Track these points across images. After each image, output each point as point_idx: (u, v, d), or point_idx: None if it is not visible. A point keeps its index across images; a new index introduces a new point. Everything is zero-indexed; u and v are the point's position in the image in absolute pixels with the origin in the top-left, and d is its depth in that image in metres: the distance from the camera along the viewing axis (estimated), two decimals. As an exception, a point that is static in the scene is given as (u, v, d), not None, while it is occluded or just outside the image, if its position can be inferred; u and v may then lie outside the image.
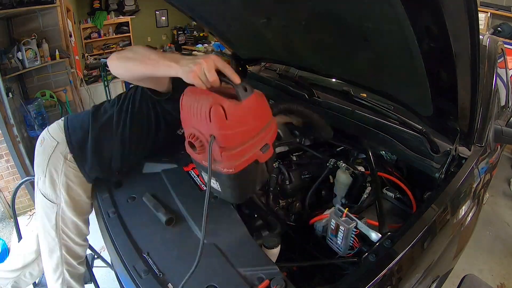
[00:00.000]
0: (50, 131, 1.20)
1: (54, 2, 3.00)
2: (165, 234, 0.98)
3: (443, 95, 0.99)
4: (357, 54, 1.26)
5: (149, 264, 0.89)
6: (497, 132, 1.44)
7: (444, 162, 1.11)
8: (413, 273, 0.89)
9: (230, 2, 1.45)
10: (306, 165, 1.44)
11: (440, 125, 1.15)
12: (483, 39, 1.60)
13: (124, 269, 0.90)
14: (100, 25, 5.70)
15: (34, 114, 2.80)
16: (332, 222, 0.90)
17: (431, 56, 0.88)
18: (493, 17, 3.86)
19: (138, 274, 0.86)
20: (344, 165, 1.22)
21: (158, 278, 0.84)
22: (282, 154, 1.53)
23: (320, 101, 1.65)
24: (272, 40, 1.70)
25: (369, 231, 0.87)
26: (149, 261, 0.90)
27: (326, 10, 1.11)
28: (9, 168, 2.59)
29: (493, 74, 1.52)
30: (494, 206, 2.67)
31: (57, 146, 1.15)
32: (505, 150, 3.31)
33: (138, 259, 0.91)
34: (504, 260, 2.15)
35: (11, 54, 2.68)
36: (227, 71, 0.77)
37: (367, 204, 1.13)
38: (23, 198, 2.69)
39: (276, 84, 1.95)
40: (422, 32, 0.81)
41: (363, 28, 1.03)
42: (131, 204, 1.13)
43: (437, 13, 0.71)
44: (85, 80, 3.83)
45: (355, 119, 1.46)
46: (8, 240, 2.41)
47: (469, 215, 1.21)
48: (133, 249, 0.95)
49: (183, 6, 1.78)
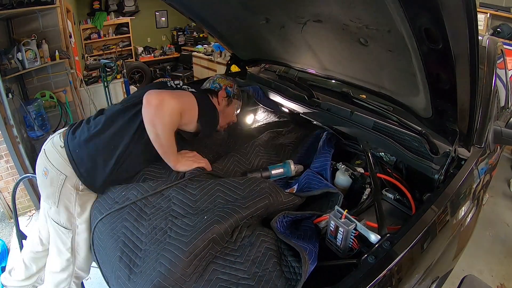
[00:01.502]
0: (53, 162, 1.15)
1: (54, 2, 3.00)
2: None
3: (443, 96, 0.99)
4: (356, 55, 1.26)
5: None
6: (496, 133, 1.44)
7: (444, 163, 1.11)
8: (413, 274, 0.89)
9: (229, 3, 1.46)
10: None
11: (440, 126, 1.15)
12: (483, 40, 1.61)
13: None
14: (100, 26, 5.71)
15: (33, 115, 2.80)
16: (331, 223, 0.90)
17: (430, 58, 0.88)
18: (492, 18, 3.86)
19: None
20: (344, 166, 1.22)
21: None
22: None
23: (320, 103, 1.65)
24: (272, 41, 1.70)
25: (368, 233, 0.86)
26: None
27: (325, 12, 1.11)
28: (8, 168, 2.59)
29: (492, 75, 1.52)
30: (493, 206, 2.67)
31: (66, 180, 1.14)
32: (505, 150, 3.32)
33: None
34: (504, 261, 2.14)
35: (11, 55, 2.68)
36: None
37: (367, 206, 1.12)
38: (23, 198, 2.69)
39: (276, 85, 1.96)
40: (421, 34, 0.81)
41: (362, 30, 1.03)
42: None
43: (436, 15, 0.71)
44: (85, 81, 3.83)
45: (355, 121, 1.46)
46: (8, 241, 2.41)
47: (469, 215, 1.21)
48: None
49: (183, 8, 1.78)
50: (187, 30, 6.78)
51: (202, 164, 1.23)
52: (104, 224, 1.10)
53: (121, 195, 1.15)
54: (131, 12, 5.98)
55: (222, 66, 4.81)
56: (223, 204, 1.01)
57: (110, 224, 1.08)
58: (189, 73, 5.99)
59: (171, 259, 0.86)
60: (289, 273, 0.84)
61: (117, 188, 1.19)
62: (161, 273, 0.85)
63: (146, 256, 0.94)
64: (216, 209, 0.99)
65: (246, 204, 0.99)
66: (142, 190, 1.14)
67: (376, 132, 1.35)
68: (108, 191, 1.20)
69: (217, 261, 0.89)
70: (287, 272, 0.84)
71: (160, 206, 1.07)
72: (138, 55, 6.31)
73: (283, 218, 1.00)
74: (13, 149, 2.45)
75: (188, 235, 0.92)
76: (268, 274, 0.84)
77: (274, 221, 0.96)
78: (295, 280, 0.81)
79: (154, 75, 6.22)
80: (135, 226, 1.03)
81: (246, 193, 1.05)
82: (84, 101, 3.69)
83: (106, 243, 1.05)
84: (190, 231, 0.93)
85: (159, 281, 0.83)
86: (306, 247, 0.86)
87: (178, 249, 0.88)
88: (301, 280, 0.78)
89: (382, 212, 0.95)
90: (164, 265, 0.86)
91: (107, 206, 1.15)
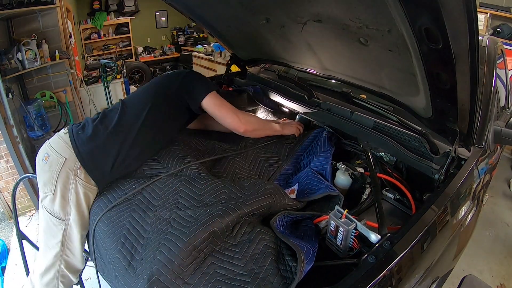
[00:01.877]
0: (54, 147, 1.17)
1: (54, 2, 3.01)
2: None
3: (443, 96, 0.99)
4: (356, 55, 1.26)
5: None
6: (496, 133, 1.44)
7: (444, 163, 1.11)
8: (413, 274, 0.89)
9: (229, 3, 1.45)
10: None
11: (440, 126, 1.15)
12: (483, 40, 1.61)
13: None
14: (100, 26, 5.71)
15: (34, 115, 2.80)
16: (331, 223, 0.90)
17: (430, 58, 0.88)
18: (492, 17, 3.86)
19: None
20: (344, 166, 1.22)
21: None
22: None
23: (320, 102, 1.65)
24: (272, 41, 1.70)
25: (368, 233, 0.86)
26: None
27: (325, 12, 1.11)
28: (8, 168, 2.59)
29: (492, 75, 1.52)
30: (494, 206, 2.67)
31: (65, 163, 1.14)
32: (505, 150, 3.31)
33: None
34: (504, 261, 2.14)
35: (11, 55, 2.68)
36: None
37: (367, 205, 1.12)
38: (23, 199, 2.69)
39: (276, 85, 1.95)
40: (421, 34, 0.81)
41: (362, 30, 1.03)
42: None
43: (437, 14, 0.71)
44: (85, 81, 3.83)
45: (355, 120, 1.46)
46: (8, 241, 2.41)
47: (469, 215, 1.21)
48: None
49: (183, 7, 1.78)
50: (187, 30, 6.78)
51: (300, 127, 1.55)
52: (111, 213, 1.11)
53: (131, 188, 1.17)
54: (131, 12, 5.98)
55: (222, 66, 4.81)
56: (227, 200, 1.03)
57: (117, 213, 1.10)
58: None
59: (170, 249, 0.89)
60: (286, 272, 0.84)
61: (128, 180, 1.21)
62: (160, 261, 0.87)
63: (147, 244, 0.96)
64: (220, 203, 1.01)
65: (249, 201, 1.00)
66: (152, 176, 1.19)
67: (376, 132, 1.35)
68: (115, 184, 1.21)
69: (215, 255, 0.91)
70: (284, 271, 0.84)
71: (167, 198, 1.10)
72: (138, 55, 6.32)
73: (283, 218, 1.00)
74: (13, 149, 2.45)
75: (189, 226, 0.94)
76: (264, 271, 0.85)
77: (274, 220, 0.97)
78: (291, 279, 0.81)
79: (154, 75, 6.22)
80: (142, 216, 1.06)
81: (251, 192, 1.06)
82: (84, 101, 3.70)
83: (110, 229, 1.06)
84: (192, 222, 0.95)
85: (157, 268, 0.85)
86: (304, 246, 0.86)
87: (179, 240, 0.90)
88: (296, 279, 0.79)
89: (382, 212, 0.95)
90: (164, 254, 0.88)
91: (117, 196, 1.16)
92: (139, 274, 0.89)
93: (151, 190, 1.14)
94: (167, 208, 1.05)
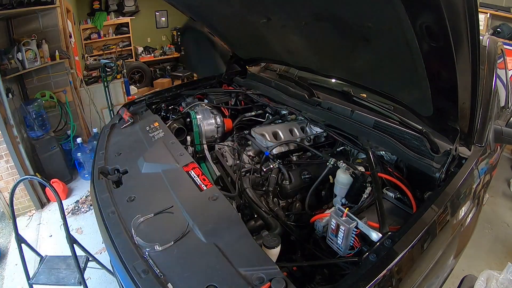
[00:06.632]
0: None
1: (54, 2, 3.00)
2: (165, 234, 0.98)
3: (443, 95, 0.99)
4: (357, 54, 1.26)
5: (149, 264, 0.89)
6: (497, 133, 1.44)
7: (444, 162, 1.11)
8: (413, 273, 0.89)
9: (230, 2, 1.45)
10: (306, 165, 1.44)
11: (440, 125, 1.15)
12: (483, 39, 1.60)
13: (123, 269, 0.90)
14: (100, 26, 5.70)
15: (34, 115, 2.79)
16: (332, 222, 0.90)
17: (431, 56, 0.88)
18: (492, 17, 3.87)
19: (137, 274, 0.86)
20: (344, 165, 1.21)
21: (158, 278, 0.84)
22: (282, 154, 1.53)
23: (320, 101, 1.65)
24: (272, 40, 1.70)
25: (369, 231, 0.86)
26: (150, 261, 0.89)
27: (326, 10, 1.11)
28: (8, 168, 2.58)
29: (492, 74, 1.52)
30: (494, 206, 2.66)
31: None
32: (505, 150, 3.31)
33: (138, 258, 0.91)
34: (504, 261, 2.14)
35: (11, 55, 2.68)
36: None
37: (368, 204, 1.12)
38: (23, 198, 2.68)
39: (276, 84, 1.95)
40: (422, 32, 0.81)
41: (364, 28, 1.03)
42: (130, 204, 1.13)
43: (438, 13, 0.71)
44: (85, 81, 3.82)
45: (355, 119, 1.46)
46: (8, 241, 2.41)
47: (469, 215, 1.21)
48: (133, 249, 0.94)
49: (184, 7, 1.78)
50: (187, 30, 6.78)
51: None
52: None
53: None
54: (131, 12, 5.97)
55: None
56: None
57: None
58: (188, 73, 5.98)
59: None
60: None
61: None
62: None
63: None
64: None
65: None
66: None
67: (377, 131, 1.34)
68: None
69: None
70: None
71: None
72: (138, 55, 6.31)
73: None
74: (13, 149, 2.45)
75: None
76: None
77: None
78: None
79: (154, 75, 6.21)
80: None
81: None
82: (84, 101, 3.69)
83: None
84: None
85: None
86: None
87: None
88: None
89: (383, 211, 0.95)
90: None
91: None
92: None
93: None
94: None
